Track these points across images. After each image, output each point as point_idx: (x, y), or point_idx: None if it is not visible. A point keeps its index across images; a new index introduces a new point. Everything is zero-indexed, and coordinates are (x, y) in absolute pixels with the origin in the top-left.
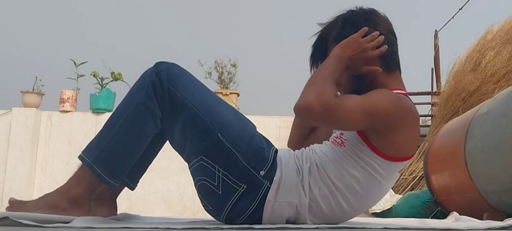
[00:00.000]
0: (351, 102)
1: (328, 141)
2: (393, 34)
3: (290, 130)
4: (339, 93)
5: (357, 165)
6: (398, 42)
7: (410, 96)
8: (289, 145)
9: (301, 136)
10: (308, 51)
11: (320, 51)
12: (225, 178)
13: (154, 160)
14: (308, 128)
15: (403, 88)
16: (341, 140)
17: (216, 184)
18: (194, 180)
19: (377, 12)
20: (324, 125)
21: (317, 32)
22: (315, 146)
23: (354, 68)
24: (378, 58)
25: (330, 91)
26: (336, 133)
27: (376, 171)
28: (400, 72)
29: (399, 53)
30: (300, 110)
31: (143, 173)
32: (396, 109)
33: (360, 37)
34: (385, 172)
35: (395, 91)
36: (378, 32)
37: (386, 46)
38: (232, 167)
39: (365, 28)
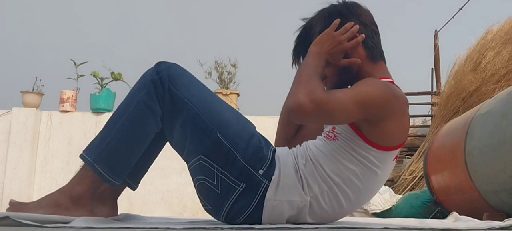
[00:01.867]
0: (341, 95)
1: (321, 136)
2: (375, 25)
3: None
4: (325, 88)
5: (353, 158)
6: (379, 34)
7: (410, 96)
8: (276, 144)
9: (288, 135)
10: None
11: (303, 46)
12: (224, 177)
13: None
14: (294, 126)
15: (389, 77)
16: (334, 134)
17: (215, 183)
18: (193, 180)
19: (359, 4)
20: (318, 122)
21: (301, 27)
22: (309, 142)
23: (334, 62)
24: (363, 49)
25: (318, 87)
26: (328, 127)
27: (372, 163)
28: (385, 62)
29: (400, 53)
30: (293, 111)
31: (144, 173)
32: (385, 96)
33: (333, 30)
34: (380, 162)
35: (381, 79)
36: (352, 23)
37: (363, 35)
38: (231, 166)
39: (337, 21)
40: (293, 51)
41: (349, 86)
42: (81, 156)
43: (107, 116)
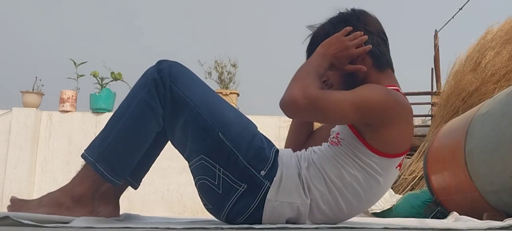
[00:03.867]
0: (338, 95)
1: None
2: (384, 33)
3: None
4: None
5: (356, 164)
6: (388, 42)
7: (410, 96)
8: (290, 146)
9: (298, 141)
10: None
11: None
12: (225, 178)
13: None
14: (305, 133)
15: (396, 85)
16: (338, 139)
17: (216, 183)
18: (194, 179)
19: (368, 13)
20: (311, 118)
21: (309, 35)
22: (314, 148)
23: (338, 66)
24: (369, 57)
25: (315, 84)
26: (333, 133)
27: (374, 170)
28: (393, 71)
29: (400, 53)
30: (286, 104)
31: (146, 173)
32: (387, 102)
33: (343, 35)
34: (382, 169)
35: (388, 87)
36: (362, 32)
37: (370, 45)
38: (232, 167)
39: (348, 28)
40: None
41: None
42: (83, 156)
43: (107, 116)
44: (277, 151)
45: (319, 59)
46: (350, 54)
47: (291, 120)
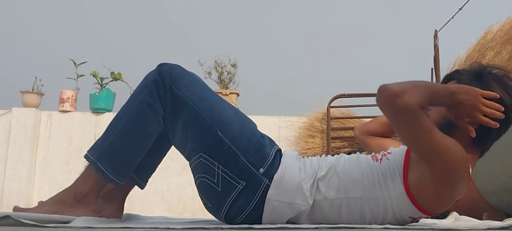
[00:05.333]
0: (427, 123)
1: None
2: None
3: (290, 130)
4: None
5: (378, 183)
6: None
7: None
8: (360, 129)
9: (372, 130)
10: (309, 50)
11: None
12: (224, 175)
13: None
14: (385, 130)
15: (472, 168)
16: (382, 158)
17: (215, 180)
18: (194, 177)
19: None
20: (391, 119)
21: (457, 71)
22: (346, 156)
23: (454, 113)
24: (480, 127)
25: (420, 101)
26: (383, 151)
27: (391, 203)
28: (480, 156)
29: (400, 53)
30: (385, 91)
31: (152, 172)
32: (459, 162)
33: (482, 96)
34: (399, 208)
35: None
36: (503, 108)
37: (498, 125)
38: (231, 164)
39: (495, 95)
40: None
41: None
42: (85, 156)
43: (107, 116)
44: (279, 150)
45: (447, 93)
46: (474, 116)
47: (292, 120)
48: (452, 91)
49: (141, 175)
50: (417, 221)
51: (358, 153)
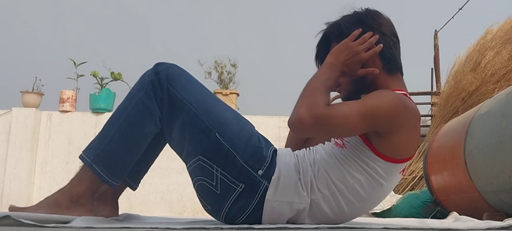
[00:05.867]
0: (345, 109)
1: (331, 142)
2: (396, 36)
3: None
4: (340, 95)
5: (359, 167)
6: (400, 45)
7: (410, 96)
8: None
9: (298, 141)
10: (308, 50)
11: (323, 51)
12: (223, 178)
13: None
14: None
15: (405, 90)
16: (342, 142)
17: (214, 183)
18: (192, 180)
19: (381, 13)
20: (320, 135)
21: (321, 31)
22: (318, 147)
23: (350, 72)
24: (379, 60)
25: (321, 102)
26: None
27: (378, 173)
28: (402, 74)
29: (400, 53)
30: (293, 125)
31: (144, 173)
32: (396, 109)
33: (351, 41)
34: (386, 173)
35: (396, 91)
36: (371, 33)
37: (381, 45)
38: (230, 166)
39: (355, 32)
40: (315, 58)
41: (361, 96)
42: (80, 157)
43: (107, 116)
44: (275, 150)
45: (328, 70)
46: (360, 59)
47: None
48: (330, 63)
49: (133, 177)
50: (404, 171)
51: (320, 144)
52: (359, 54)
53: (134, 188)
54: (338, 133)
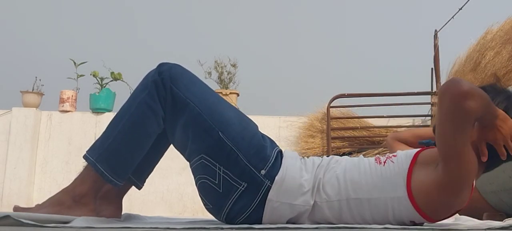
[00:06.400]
0: (469, 130)
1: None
2: None
3: (290, 130)
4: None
5: (383, 188)
6: None
7: (410, 96)
8: (393, 134)
9: (406, 141)
10: (309, 51)
11: (502, 101)
12: (225, 176)
13: None
14: (413, 142)
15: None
16: (386, 159)
17: (216, 182)
18: (195, 179)
19: None
20: (445, 110)
21: (490, 84)
22: (347, 158)
23: (484, 134)
24: (491, 152)
25: (479, 110)
26: (388, 154)
27: (393, 207)
28: (481, 173)
29: (400, 53)
30: (452, 85)
31: (150, 173)
32: (472, 173)
33: None
34: (400, 213)
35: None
36: None
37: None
38: (232, 165)
39: None
40: (494, 93)
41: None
42: (84, 156)
43: (107, 116)
44: (280, 151)
45: (493, 114)
46: (498, 144)
47: (292, 120)
48: (496, 115)
49: (138, 176)
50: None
51: (361, 155)
52: (504, 141)
53: (139, 187)
54: (446, 125)
